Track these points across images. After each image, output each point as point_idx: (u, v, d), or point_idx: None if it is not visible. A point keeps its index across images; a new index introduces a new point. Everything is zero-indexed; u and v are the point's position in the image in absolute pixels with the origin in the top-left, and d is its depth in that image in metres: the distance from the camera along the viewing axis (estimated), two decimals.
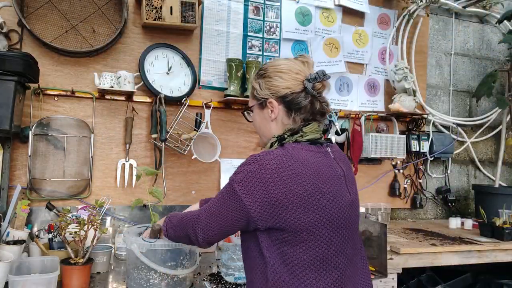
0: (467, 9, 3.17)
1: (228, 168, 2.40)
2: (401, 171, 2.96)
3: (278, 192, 1.05)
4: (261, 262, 1.12)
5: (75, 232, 1.53)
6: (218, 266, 1.80)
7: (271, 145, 1.18)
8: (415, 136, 2.90)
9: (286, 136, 1.17)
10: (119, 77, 2.11)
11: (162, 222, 1.41)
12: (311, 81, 1.16)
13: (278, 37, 2.62)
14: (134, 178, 2.21)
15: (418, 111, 2.86)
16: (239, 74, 2.35)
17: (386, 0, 2.96)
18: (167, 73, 2.29)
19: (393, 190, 2.90)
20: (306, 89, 1.17)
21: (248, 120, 1.34)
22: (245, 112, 1.34)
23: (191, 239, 1.23)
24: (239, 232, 1.21)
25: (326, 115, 1.24)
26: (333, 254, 1.09)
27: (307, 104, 1.18)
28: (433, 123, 3.06)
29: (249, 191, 1.06)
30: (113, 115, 2.22)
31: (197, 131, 2.25)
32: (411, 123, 2.95)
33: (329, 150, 1.20)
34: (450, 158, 3.14)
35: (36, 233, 1.82)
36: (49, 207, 1.93)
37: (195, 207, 1.59)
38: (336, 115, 2.62)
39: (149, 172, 1.67)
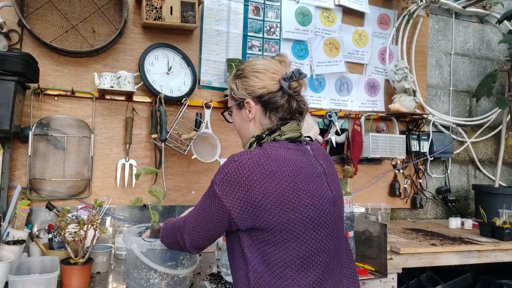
0: (467, 9, 3.17)
1: None
2: (401, 171, 2.96)
3: (256, 191, 1.05)
4: (243, 262, 1.12)
5: (75, 232, 1.52)
6: (218, 266, 1.80)
7: (250, 145, 1.19)
8: (415, 136, 2.90)
9: (264, 135, 1.17)
10: (119, 77, 2.11)
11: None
12: (287, 80, 1.16)
13: (278, 37, 2.62)
14: (134, 178, 2.21)
15: (418, 111, 2.86)
16: None
17: (386, 0, 2.96)
18: (167, 73, 2.29)
19: (393, 190, 2.90)
20: (283, 88, 1.16)
21: (228, 121, 1.34)
22: (225, 113, 1.34)
23: (180, 245, 1.24)
24: None
25: (304, 114, 1.23)
26: (314, 252, 1.09)
27: (284, 103, 1.17)
28: (433, 123, 3.07)
29: (228, 192, 1.07)
30: (113, 115, 2.22)
31: (197, 131, 2.25)
32: (411, 123, 2.95)
33: (309, 148, 1.20)
34: (450, 158, 3.14)
35: (36, 233, 1.82)
36: (49, 207, 1.94)
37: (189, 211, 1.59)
38: (336, 115, 2.62)
39: (149, 171, 1.67)
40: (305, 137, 1.24)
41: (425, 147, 2.92)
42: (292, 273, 1.07)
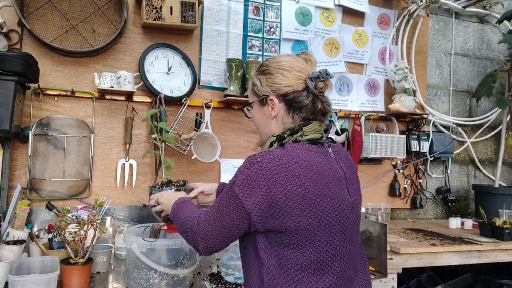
0: (467, 9, 3.17)
1: (228, 168, 2.40)
2: (401, 171, 2.95)
3: (279, 194, 1.03)
4: (257, 263, 1.11)
5: (75, 232, 1.52)
6: (218, 266, 1.81)
7: (271, 145, 1.15)
8: (415, 136, 2.90)
9: (285, 135, 1.14)
10: (119, 77, 2.11)
11: (169, 210, 1.34)
12: (313, 80, 1.14)
13: (278, 37, 2.62)
14: (134, 178, 2.21)
15: (418, 111, 2.86)
16: (239, 74, 2.35)
17: (386, 0, 2.96)
18: (167, 73, 2.29)
19: (393, 190, 2.90)
20: (308, 88, 1.14)
21: (247, 117, 1.32)
22: (245, 108, 1.32)
23: (190, 244, 1.20)
24: None
25: (327, 115, 1.21)
26: (331, 258, 1.08)
27: (308, 103, 1.15)
28: (433, 123, 3.06)
29: (250, 194, 1.04)
30: (113, 115, 2.22)
31: (197, 131, 2.25)
32: (411, 123, 2.95)
33: (330, 151, 1.18)
34: (450, 158, 3.13)
35: (36, 233, 1.82)
36: (49, 207, 1.93)
37: (214, 185, 1.60)
38: (336, 115, 2.62)
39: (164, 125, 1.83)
40: (327, 138, 1.21)
41: (425, 147, 2.92)
42: (308, 277, 1.06)
